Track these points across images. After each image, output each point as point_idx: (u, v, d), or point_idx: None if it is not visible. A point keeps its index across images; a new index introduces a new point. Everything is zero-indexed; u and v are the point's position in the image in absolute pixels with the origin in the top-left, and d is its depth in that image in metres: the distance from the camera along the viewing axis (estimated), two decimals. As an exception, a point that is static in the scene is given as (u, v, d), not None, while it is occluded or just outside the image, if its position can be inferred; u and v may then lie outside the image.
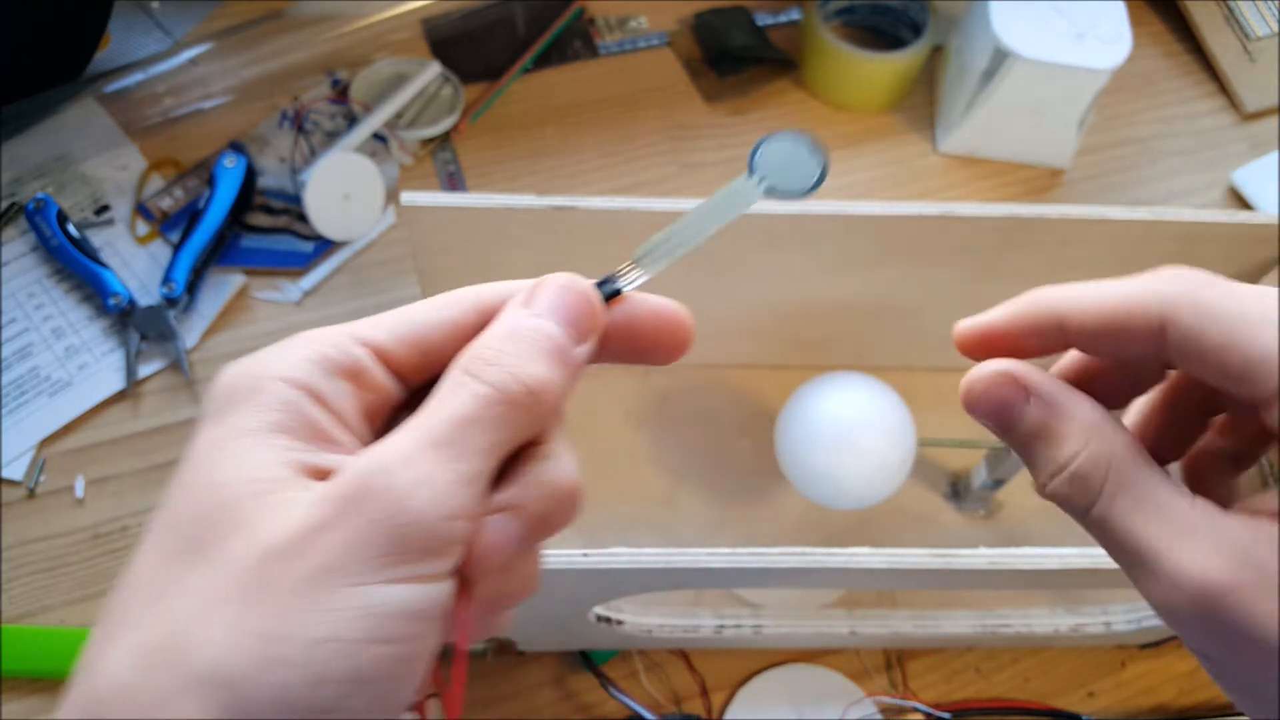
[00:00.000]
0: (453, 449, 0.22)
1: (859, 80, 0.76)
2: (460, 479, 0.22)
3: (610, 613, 0.51)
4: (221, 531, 0.21)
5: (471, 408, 0.22)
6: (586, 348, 0.25)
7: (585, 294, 0.26)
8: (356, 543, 0.20)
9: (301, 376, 0.23)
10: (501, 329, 0.24)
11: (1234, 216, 0.53)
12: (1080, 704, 0.57)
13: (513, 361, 0.23)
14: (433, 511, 0.21)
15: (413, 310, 0.25)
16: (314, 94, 0.74)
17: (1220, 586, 0.22)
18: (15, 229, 0.67)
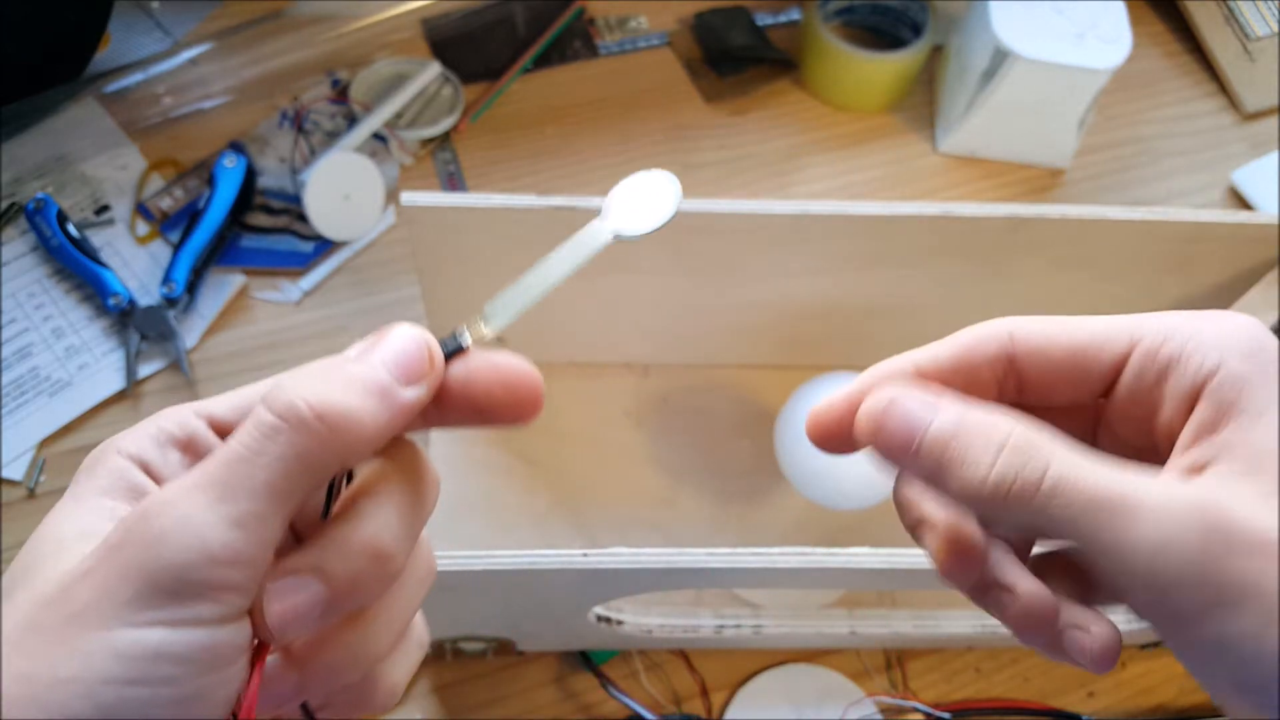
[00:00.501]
0: (221, 488, 0.21)
1: (859, 80, 0.76)
2: (226, 520, 0.21)
3: (610, 613, 0.51)
4: (19, 580, 0.22)
5: (249, 442, 0.22)
6: (415, 390, 0.24)
7: (414, 338, 0.24)
8: (110, 587, 0.20)
9: (134, 449, 0.24)
10: (313, 364, 0.24)
11: (1234, 216, 0.53)
12: (1080, 704, 0.57)
13: (306, 386, 0.22)
14: (185, 556, 0.20)
15: (259, 385, 0.25)
16: (314, 94, 0.74)
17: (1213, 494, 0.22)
18: (15, 229, 0.67)
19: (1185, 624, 0.22)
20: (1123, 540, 0.22)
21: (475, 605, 0.48)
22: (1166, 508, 0.22)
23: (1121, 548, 0.22)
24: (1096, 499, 0.22)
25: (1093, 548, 0.22)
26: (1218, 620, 0.21)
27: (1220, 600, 0.21)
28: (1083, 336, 0.25)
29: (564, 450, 0.61)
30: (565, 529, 0.59)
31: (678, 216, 0.55)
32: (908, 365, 0.27)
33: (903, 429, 0.25)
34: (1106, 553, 0.22)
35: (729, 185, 0.74)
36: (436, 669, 0.55)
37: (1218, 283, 0.57)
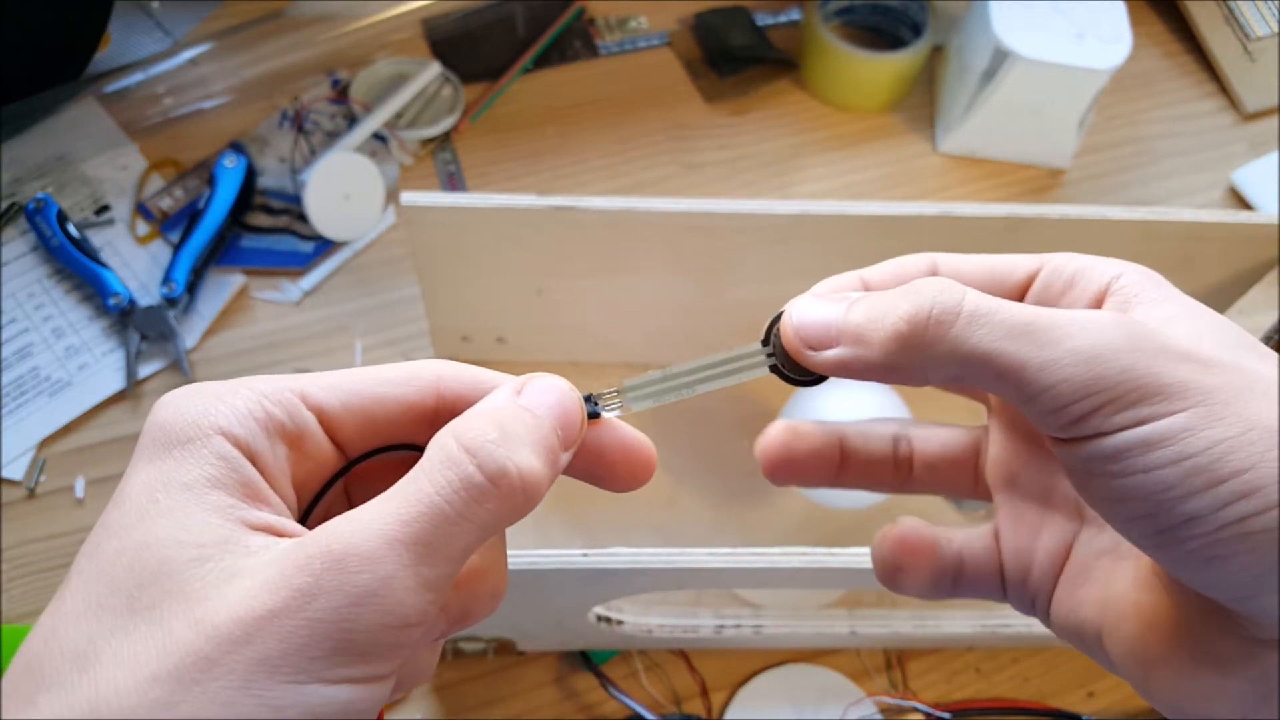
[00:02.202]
0: (424, 549, 0.20)
1: (859, 80, 0.76)
2: (424, 584, 0.20)
3: (610, 613, 0.51)
4: (159, 597, 0.20)
5: (456, 502, 0.21)
6: (568, 456, 0.24)
7: (576, 400, 0.25)
8: (304, 638, 0.19)
9: (243, 435, 0.22)
10: (494, 410, 0.23)
11: (1234, 216, 0.53)
12: (1080, 704, 0.57)
13: (515, 447, 0.22)
14: (388, 620, 0.20)
15: (367, 379, 0.24)
16: (314, 94, 0.74)
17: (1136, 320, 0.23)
18: (15, 229, 0.67)
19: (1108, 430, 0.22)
20: (1055, 353, 0.22)
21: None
22: (1095, 321, 0.22)
23: (1056, 360, 0.22)
24: (1023, 320, 0.22)
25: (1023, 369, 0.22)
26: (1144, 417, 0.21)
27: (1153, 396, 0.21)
28: (997, 259, 0.27)
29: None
30: (565, 529, 0.59)
31: (678, 217, 0.55)
32: (853, 279, 0.28)
33: (821, 320, 0.25)
34: (1039, 369, 0.22)
35: (729, 185, 0.74)
36: (436, 669, 0.55)
37: (1218, 283, 0.57)
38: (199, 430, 0.22)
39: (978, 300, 0.23)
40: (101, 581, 0.21)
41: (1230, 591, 0.21)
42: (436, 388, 0.25)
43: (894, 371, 0.24)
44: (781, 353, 0.26)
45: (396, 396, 0.24)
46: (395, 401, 0.24)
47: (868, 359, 0.24)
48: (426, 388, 0.24)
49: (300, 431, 0.23)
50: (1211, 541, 0.21)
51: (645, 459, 0.26)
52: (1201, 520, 0.21)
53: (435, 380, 0.25)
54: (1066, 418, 0.22)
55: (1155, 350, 0.22)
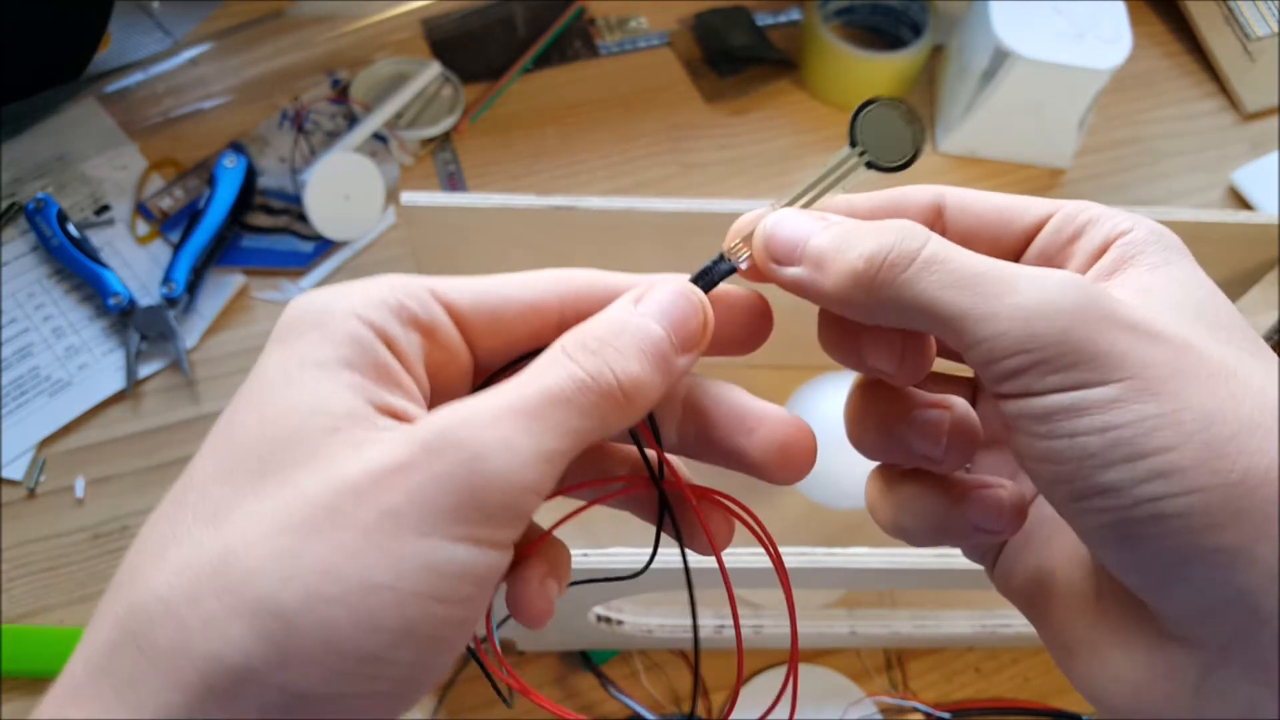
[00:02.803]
0: (541, 421, 0.21)
1: (859, 80, 0.76)
2: (541, 454, 0.21)
3: (610, 613, 0.51)
4: (290, 460, 0.20)
5: (565, 387, 0.22)
6: (688, 359, 0.25)
7: (698, 306, 0.25)
8: (431, 493, 0.20)
9: (376, 318, 0.23)
10: (608, 319, 0.24)
11: (1234, 216, 0.53)
12: (1080, 704, 0.57)
13: (613, 354, 0.23)
14: (511, 478, 0.20)
15: (496, 281, 0.26)
16: (314, 94, 0.74)
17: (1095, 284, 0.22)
18: (15, 229, 0.67)
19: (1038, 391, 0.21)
20: (998, 306, 0.22)
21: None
22: (1046, 278, 0.22)
23: (996, 314, 0.21)
24: (974, 271, 0.22)
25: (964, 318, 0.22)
26: (1075, 383, 0.21)
27: (1086, 362, 0.21)
28: (1010, 200, 0.26)
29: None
30: (565, 529, 0.59)
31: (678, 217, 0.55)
32: (842, 202, 0.27)
33: (790, 236, 0.25)
34: (978, 320, 0.22)
35: (729, 185, 0.74)
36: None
37: (1218, 282, 0.57)
38: (333, 314, 0.22)
39: (937, 247, 0.23)
40: (234, 449, 0.21)
41: (1140, 576, 0.21)
42: (558, 290, 0.25)
43: (845, 306, 0.24)
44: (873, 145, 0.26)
45: (522, 298, 0.25)
46: (521, 302, 0.25)
47: (821, 287, 0.24)
48: (550, 288, 0.25)
49: (433, 322, 0.24)
50: (1126, 518, 0.20)
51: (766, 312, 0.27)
52: (1117, 493, 0.20)
53: (558, 282, 0.26)
54: (999, 372, 0.22)
55: (1100, 317, 0.21)
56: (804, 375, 0.58)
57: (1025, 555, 0.27)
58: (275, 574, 0.19)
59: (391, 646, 0.19)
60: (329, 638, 0.19)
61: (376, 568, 0.19)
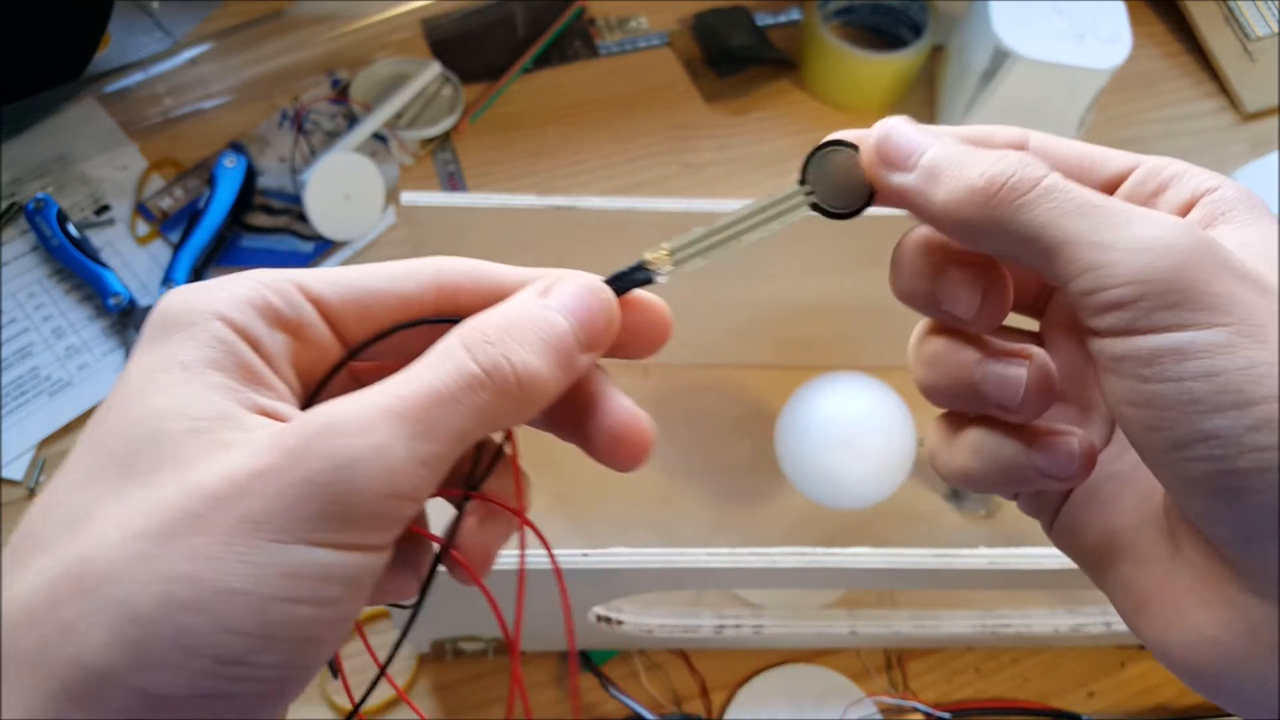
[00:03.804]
0: (420, 425, 0.21)
1: (859, 80, 0.76)
2: (418, 459, 0.20)
3: (610, 613, 0.51)
4: (153, 464, 0.20)
5: (453, 385, 0.21)
6: (591, 357, 0.24)
7: (607, 304, 0.24)
8: (291, 499, 0.19)
9: (240, 319, 0.22)
10: (512, 308, 0.23)
11: (1234, 216, 0.53)
12: (1080, 704, 0.57)
13: (513, 346, 0.22)
14: (379, 486, 0.20)
15: (366, 273, 0.24)
16: (314, 94, 0.74)
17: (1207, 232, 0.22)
18: (15, 229, 0.67)
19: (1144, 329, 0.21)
20: (1114, 236, 0.21)
21: (475, 605, 0.48)
22: (1163, 220, 0.22)
23: (1113, 243, 0.21)
24: (1093, 203, 0.22)
25: (1078, 244, 0.22)
26: (1185, 322, 0.21)
27: (1196, 302, 0.21)
28: (1093, 149, 0.27)
29: (564, 450, 0.61)
30: (565, 529, 0.59)
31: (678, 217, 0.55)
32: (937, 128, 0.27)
33: (907, 142, 0.25)
34: (1094, 246, 0.22)
35: (729, 185, 0.74)
36: (436, 669, 0.55)
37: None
38: (198, 315, 0.22)
39: (1058, 179, 0.23)
40: (99, 452, 0.21)
41: (1233, 530, 0.21)
42: (436, 281, 0.24)
43: (952, 222, 0.24)
44: (823, 187, 0.26)
45: (393, 290, 0.24)
46: (392, 295, 0.24)
47: (930, 199, 0.24)
48: (425, 281, 0.24)
49: (299, 320, 0.23)
50: (1229, 469, 0.20)
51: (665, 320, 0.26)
52: (1222, 441, 0.20)
53: (434, 274, 0.25)
54: (1106, 301, 0.21)
55: (1213, 261, 0.21)
56: (804, 375, 0.58)
57: (1090, 511, 0.26)
58: (132, 579, 0.19)
59: (253, 650, 0.19)
60: (187, 643, 0.19)
61: (233, 574, 0.19)
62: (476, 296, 0.24)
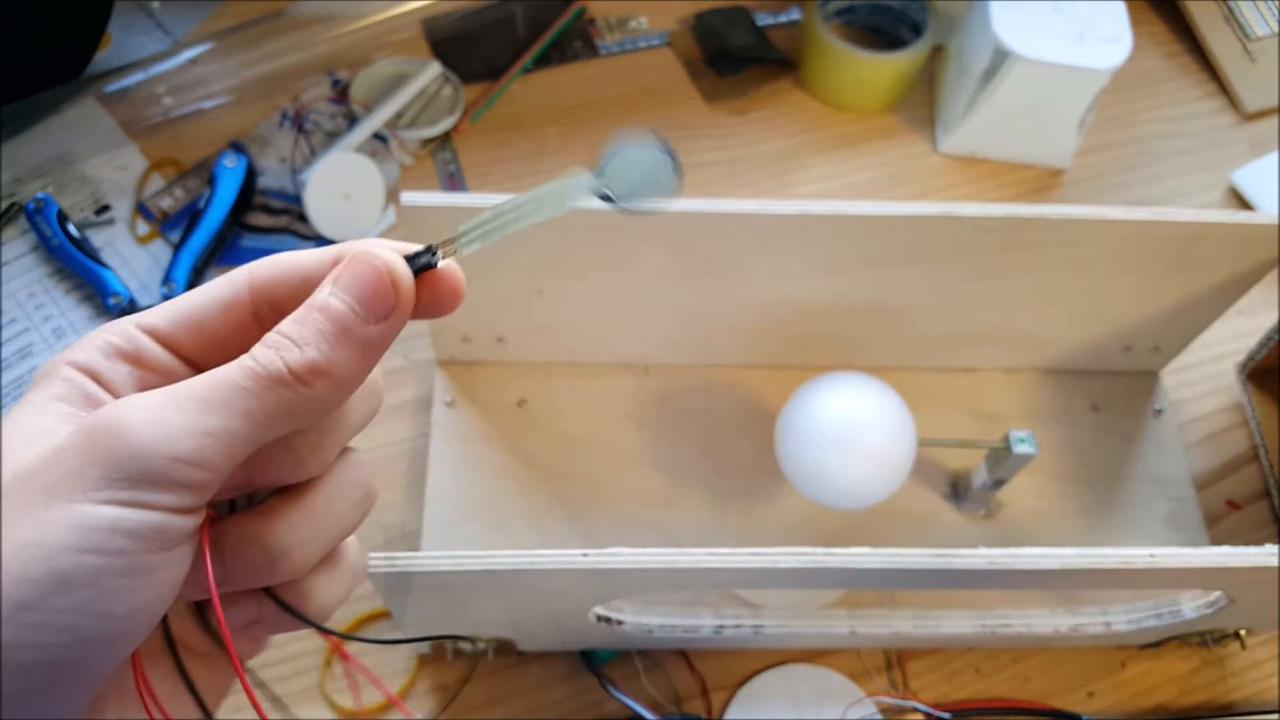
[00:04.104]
0: (203, 403, 0.23)
1: (859, 80, 0.76)
2: (200, 429, 0.23)
3: (610, 613, 0.51)
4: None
5: (233, 374, 0.24)
6: (382, 326, 0.25)
7: (383, 273, 0.25)
8: (80, 464, 0.22)
9: (83, 359, 0.26)
10: (301, 308, 0.25)
11: (1234, 217, 0.53)
12: (1080, 704, 0.57)
13: (288, 344, 0.24)
14: (157, 449, 0.22)
15: (191, 295, 0.27)
16: (314, 94, 0.74)
17: None
18: (16, 229, 0.67)
19: None
20: None
21: (475, 605, 0.48)
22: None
23: None
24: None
25: None
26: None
27: None
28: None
29: (564, 450, 0.61)
30: (565, 529, 0.59)
31: (678, 217, 0.55)
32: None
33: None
34: None
35: (729, 185, 0.74)
36: (436, 669, 0.55)
37: (1218, 283, 0.57)
38: (52, 367, 0.26)
39: None
40: None
41: None
42: (249, 282, 0.27)
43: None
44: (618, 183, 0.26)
45: (215, 299, 0.27)
46: (215, 303, 0.27)
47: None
48: (238, 282, 0.27)
49: (136, 350, 0.26)
50: None
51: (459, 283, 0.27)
52: None
53: (248, 274, 0.27)
54: None
55: None
56: (804, 375, 0.58)
57: None
58: None
59: (45, 595, 0.21)
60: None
61: (25, 532, 0.22)
62: (286, 287, 0.27)
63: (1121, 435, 0.64)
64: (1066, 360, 0.65)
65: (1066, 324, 0.62)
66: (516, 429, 0.62)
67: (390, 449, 0.61)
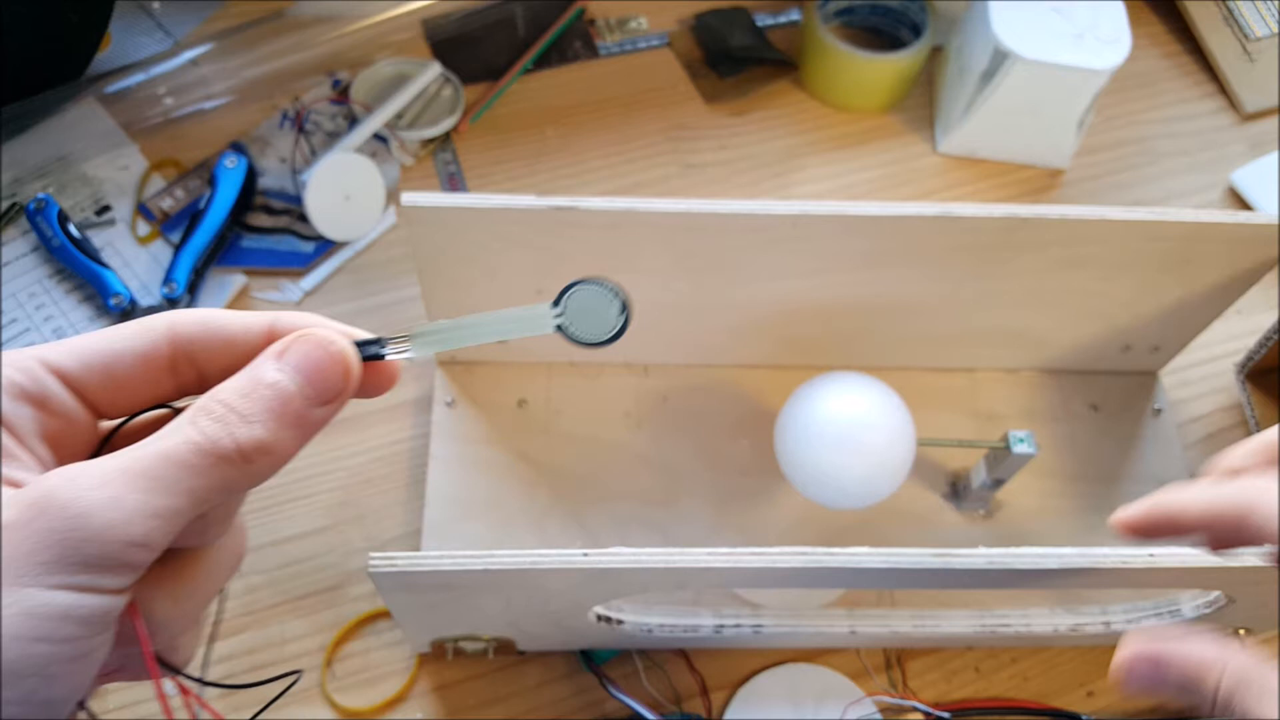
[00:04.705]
0: (154, 482, 0.23)
1: (859, 81, 0.76)
2: (151, 511, 0.22)
3: (610, 612, 0.51)
4: None
5: (181, 450, 0.23)
6: (328, 410, 0.25)
7: (337, 358, 0.26)
8: (30, 546, 0.21)
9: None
10: (244, 379, 0.25)
11: (1233, 217, 0.53)
12: (1080, 704, 0.57)
13: (236, 419, 0.24)
14: (113, 533, 0.22)
15: (103, 338, 0.26)
16: (315, 94, 0.74)
17: None
18: (16, 229, 0.67)
19: None
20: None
21: (475, 605, 0.48)
22: None
23: None
24: None
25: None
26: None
27: None
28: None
29: (564, 450, 0.61)
30: (565, 529, 0.59)
31: (678, 217, 0.55)
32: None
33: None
34: None
35: (729, 185, 0.74)
36: (436, 669, 0.55)
37: (1217, 283, 0.58)
38: None
39: None
40: None
41: None
42: (170, 334, 0.26)
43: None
44: (574, 315, 0.27)
45: (130, 349, 0.26)
46: (131, 354, 0.26)
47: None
48: (159, 335, 0.26)
49: (43, 393, 0.25)
50: None
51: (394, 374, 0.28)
52: None
53: (167, 329, 0.26)
54: None
55: None
56: (804, 375, 0.58)
57: None
58: None
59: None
60: None
61: None
62: (210, 347, 0.26)
63: (1121, 435, 0.64)
64: (1066, 360, 0.65)
65: (1066, 324, 0.62)
66: (516, 429, 0.62)
67: (390, 449, 0.62)
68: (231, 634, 0.55)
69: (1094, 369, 0.66)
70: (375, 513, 0.60)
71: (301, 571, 0.57)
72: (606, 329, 0.27)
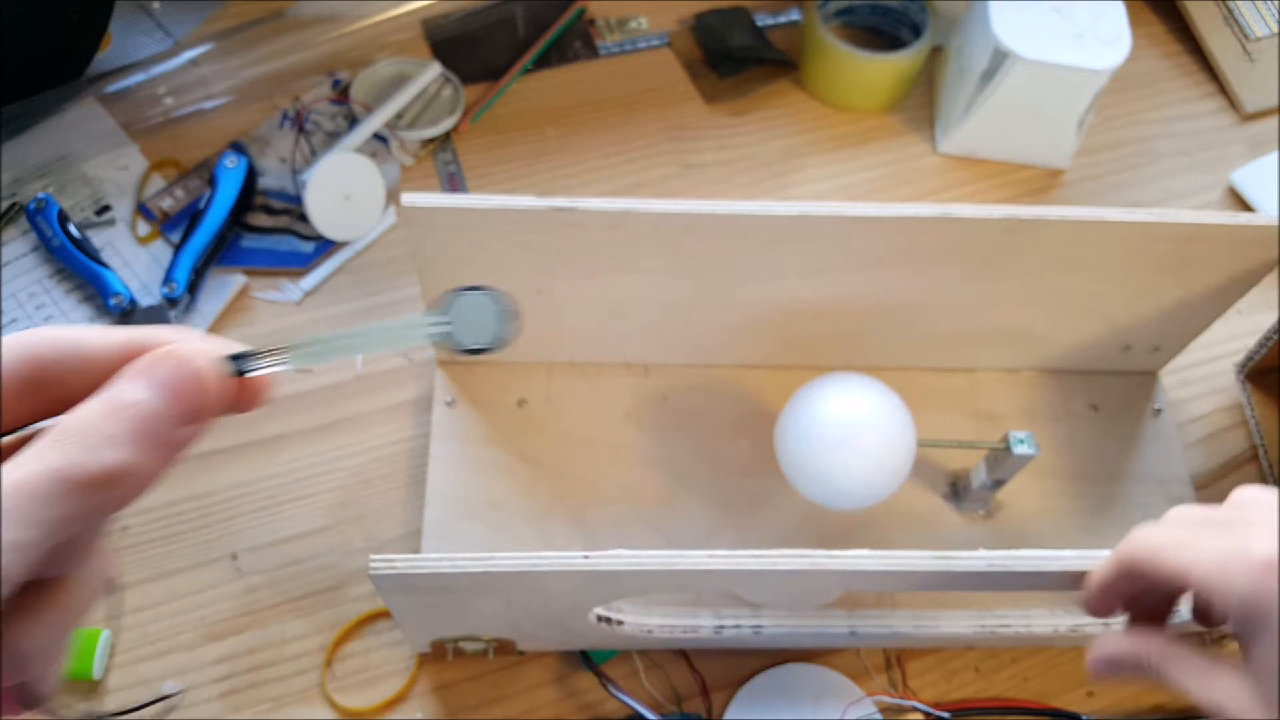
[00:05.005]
0: (15, 515, 0.22)
1: (859, 81, 0.76)
2: (8, 544, 0.22)
3: (610, 613, 0.52)
4: None
5: (38, 480, 0.22)
6: (194, 428, 0.25)
7: (200, 376, 0.25)
8: None
9: None
10: (104, 400, 0.24)
11: (1233, 218, 0.53)
12: (1080, 704, 0.57)
13: (95, 442, 0.23)
14: None
15: None
16: (315, 94, 0.74)
17: None
18: (16, 229, 0.67)
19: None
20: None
21: (475, 605, 0.48)
22: None
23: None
24: None
25: None
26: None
27: None
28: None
29: (564, 450, 0.61)
30: (565, 529, 0.59)
31: (678, 217, 0.55)
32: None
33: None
34: None
35: (729, 185, 0.74)
36: (436, 669, 0.55)
37: (1217, 283, 0.58)
38: None
39: None
40: None
41: None
42: (26, 354, 0.25)
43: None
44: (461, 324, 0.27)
45: None
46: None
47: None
48: (11, 349, 0.25)
49: None
50: None
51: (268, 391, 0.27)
52: None
53: (24, 348, 0.25)
54: None
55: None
56: (804, 375, 0.58)
57: None
58: None
59: None
60: None
61: None
62: (64, 364, 0.25)
63: (1121, 435, 0.64)
64: (1066, 360, 0.65)
65: (1066, 324, 0.62)
66: (516, 429, 0.62)
67: (390, 449, 0.62)
68: (231, 634, 0.55)
69: (1094, 369, 0.66)
70: (375, 513, 0.60)
71: (301, 571, 0.57)
72: (495, 334, 0.27)
